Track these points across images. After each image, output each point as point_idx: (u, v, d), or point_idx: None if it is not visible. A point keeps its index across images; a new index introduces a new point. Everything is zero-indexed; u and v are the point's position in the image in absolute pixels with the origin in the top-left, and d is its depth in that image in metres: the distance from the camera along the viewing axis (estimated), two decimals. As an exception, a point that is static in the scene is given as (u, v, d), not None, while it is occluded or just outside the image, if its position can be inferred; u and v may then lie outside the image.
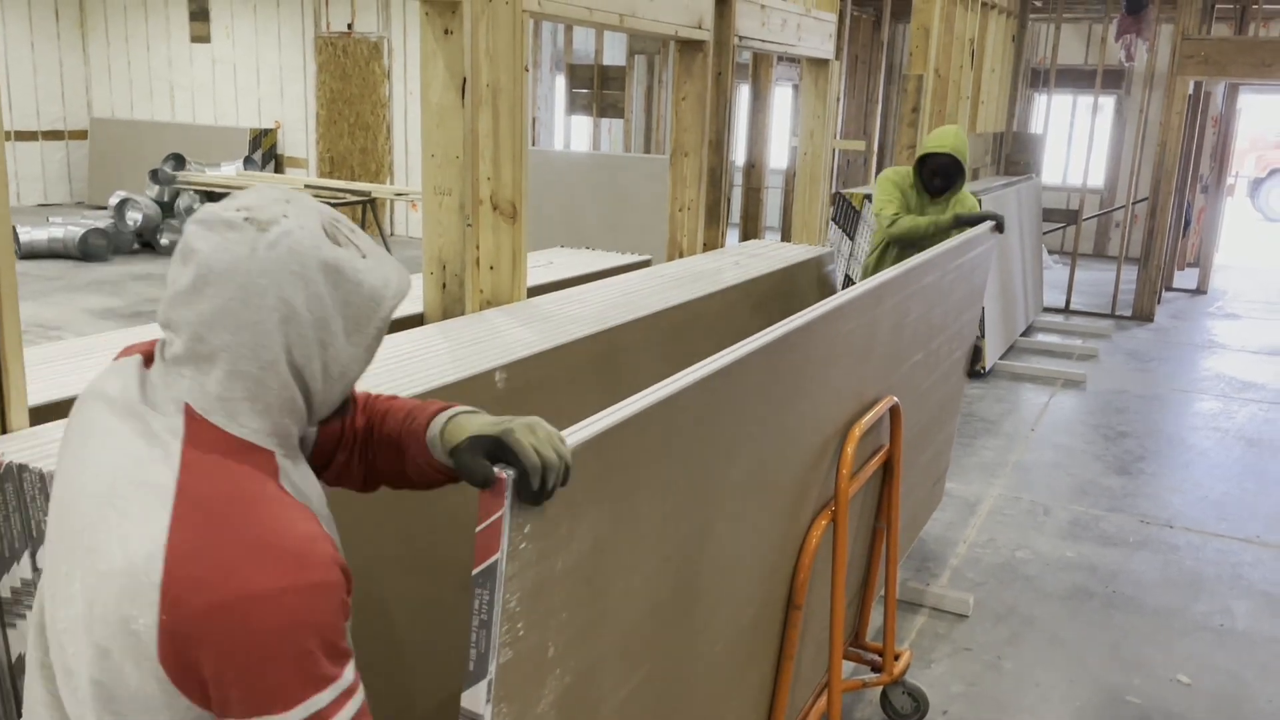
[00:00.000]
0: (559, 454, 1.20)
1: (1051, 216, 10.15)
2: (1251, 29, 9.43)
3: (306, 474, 1.16)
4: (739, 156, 8.87)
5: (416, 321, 2.78)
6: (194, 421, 1.06)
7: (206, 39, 12.65)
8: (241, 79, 12.54)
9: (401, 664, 1.96)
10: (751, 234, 8.95)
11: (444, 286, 2.83)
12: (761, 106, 8.63)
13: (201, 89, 12.78)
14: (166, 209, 10.20)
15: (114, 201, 10.03)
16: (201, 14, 12.60)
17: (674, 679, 1.87)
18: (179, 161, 10.75)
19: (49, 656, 1.11)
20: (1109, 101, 12.40)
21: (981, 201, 6.65)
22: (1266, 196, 17.02)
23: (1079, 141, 9.77)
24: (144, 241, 10.09)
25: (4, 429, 1.69)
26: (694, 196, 4.11)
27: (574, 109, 9.41)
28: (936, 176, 4.18)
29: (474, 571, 1.20)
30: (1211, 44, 8.39)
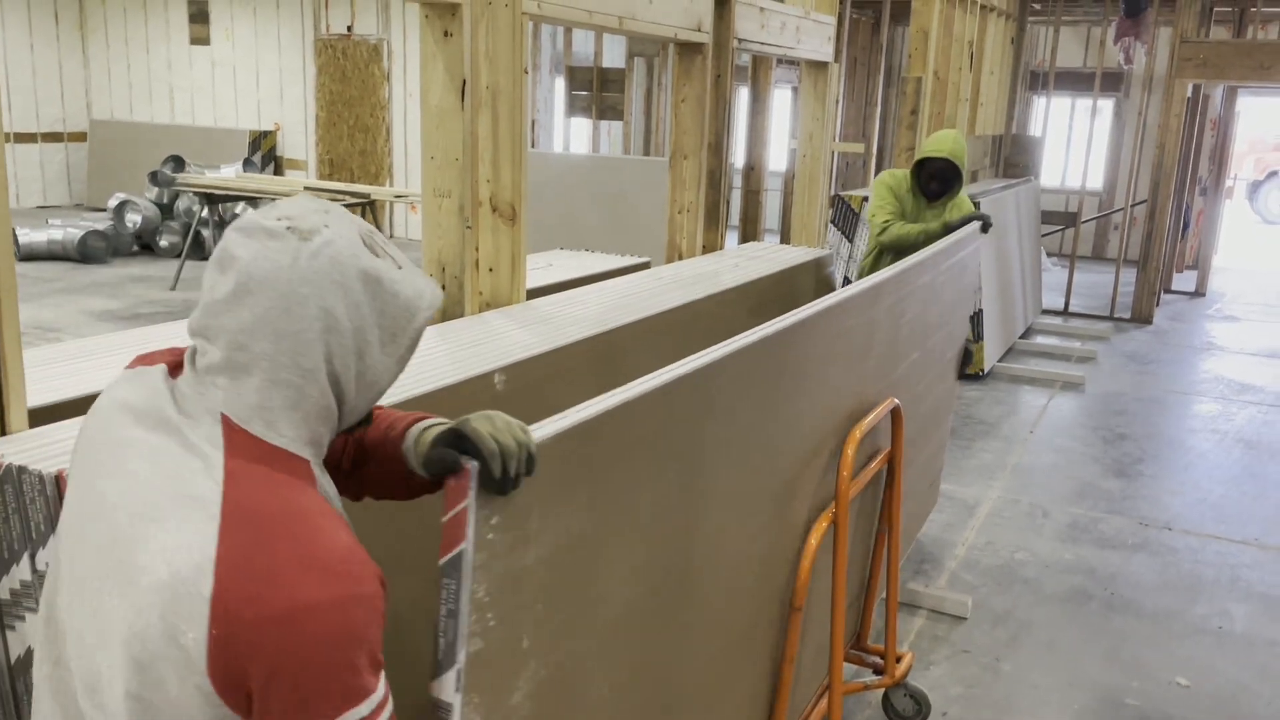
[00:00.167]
0: (519, 441, 1.21)
1: (1050, 219, 10.16)
2: (1250, 31, 9.45)
3: (329, 481, 1.17)
4: (738, 159, 8.87)
5: (416, 323, 2.77)
6: (232, 431, 1.05)
7: (206, 41, 12.65)
8: (241, 81, 12.55)
9: (403, 663, 1.96)
10: (751, 236, 8.95)
11: (443, 288, 2.83)
12: (761, 109, 8.63)
13: (201, 91, 12.78)
14: (166, 211, 10.19)
15: (113, 203, 10.03)
16: (201, 16, 12.61)
17: (663, 677, 1.87)
18: (178, 163, 10.75)
19: (60, 670, 1.10)
20: (1108, 104, 12.42)
21: (980, 205, 6.67)
22: (1265, 199, 17.04)
23: (1078, 144, 9.78)
24: (143, 243, 10.09)
25: (3, 431, 1.69)
26: (693, 199, 4.12)
27: (573, 111, 9.41)
28: (934, 181, 4.18)
29: (441, 561, 1.21)
30: (1210, 47, 8.40)
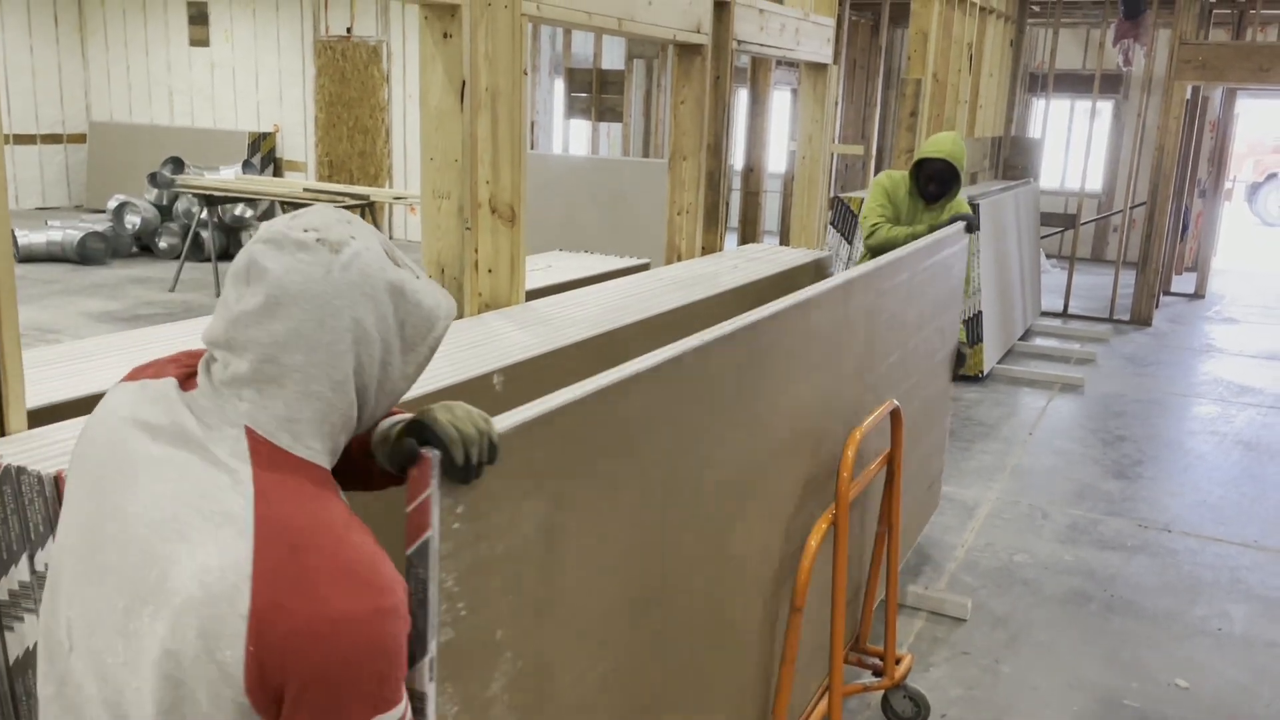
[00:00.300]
0: (479, 430, 1.22)
1: (1050, 221, 10.17)
2: (1249, 34, 9.46)
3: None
4: (737, 160, 8.87)
5: (415, 325, 2.77)
6: (257, 444, 1.04)
7: (205, 43, 12.66)
8: (240, 83, 12.55)
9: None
10: (750, 238, 8.95)
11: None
12: (760, 110, 8.64)
13: (200, 93, 12.78)
14: (165, 212, 10.19)
15: (112, 205, 10.03)
16: (200, 18, 12.61)
17: (648, 672, 1.88)
18: (178, 165, 10.75)
19: (66, 689, 1.08)
20: (1107, 106, 12.42)
21: (978, 207, 6.67)
22: (1264, 201, 17.05)
23: (1077, 146, 9.79)
24: (142, 245, 10.09)
25: (2, 432, 1.69)
26: (692, 200, 4.12)
27: (572, 113, 9.41)
28: (932, 182, 4.18)
29: (407, 551, 1.22)
30: (1209, 49, 8.40)
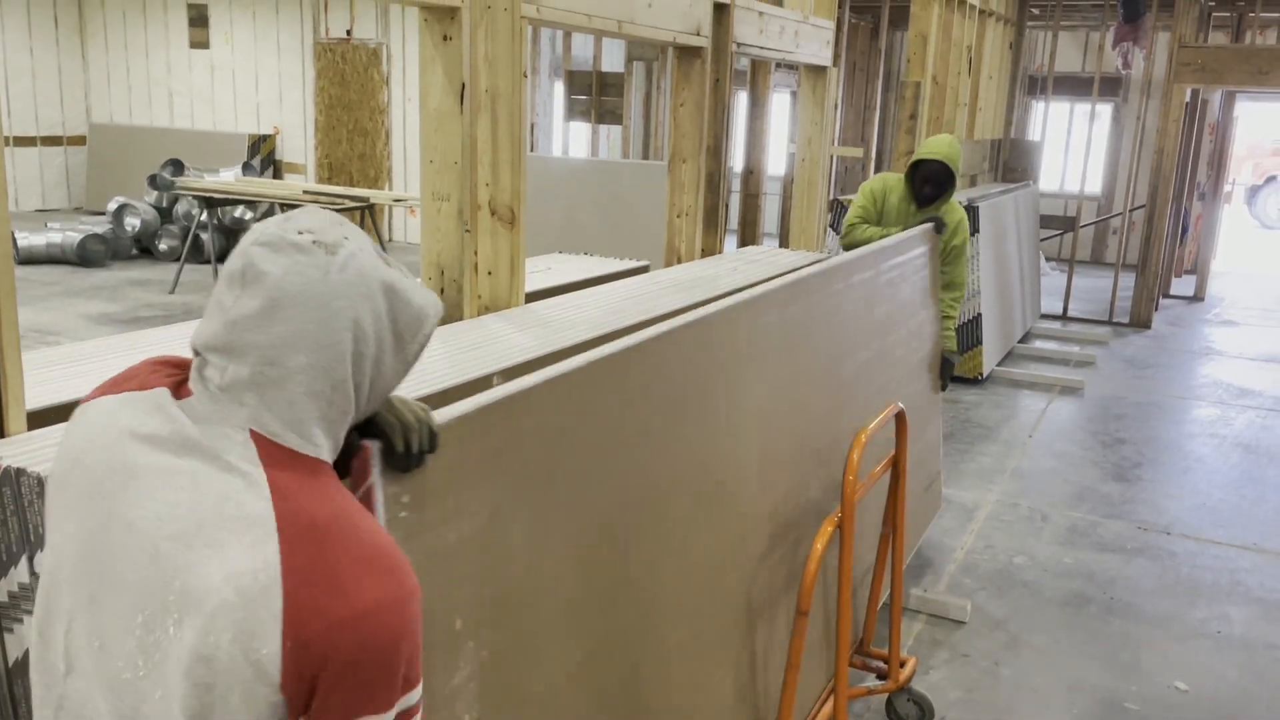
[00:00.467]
0: (418, 418, 1.25)
1: (1049, 223, 10.17)
2: (1248, 37, 9.47)
3: None
4: (737, 163, 8.87)
5: (415, 327, 2.77)
6: (265, 446, 1.05)
7: (205, 45, 12.66)
8: (240, 85, 12.56)
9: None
10: (749, 240, 8.95)
11: (442, 292, 2.83)
12: (759, 113, 8.64)
13: (200, 95, 12.79)
14: (165, 214, 10.19)
15: (112, 207, 10.03)
16: (200, 20, 12.62)
17: (623, 666, 1.90)
18: (177, 167, 10.75)
19: (65, 714, 1.08)
20: (1106, 109, 12.43)
21: (978, 210, 6.67)
22: (1263, 203, 17.06)
23: (1076, 148, 9.80)
24: (142, 247, 10.09)
25: (2, 433, 1.69)
26: (692, 202, 4.12)
27: (572, 115, 9.41)
28: (928, 184, 4.16)
29: None
30: (1208, 52, 8.41)
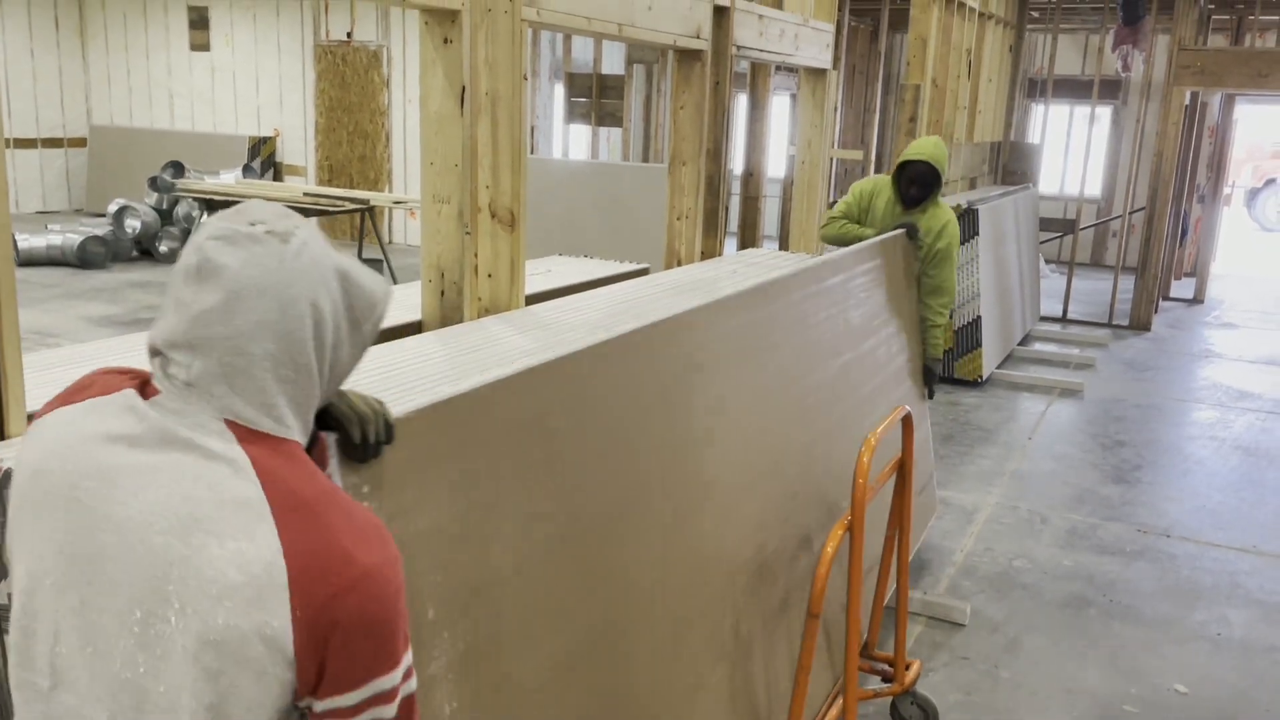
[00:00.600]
0: (374, 410, 1.31)
1: (1049, 226, 10.17)
2: (1247, 40, 9.48)
3: None
4: (737, 165, 8.88)
5: (414, 329, 2.78)
6: (241, 433, 1.08)
7: (206, 47, 12.67)
8: (241, 87, 12.57)
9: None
10: (749, 243, 8.95)
11: (442, 294, 2.83)
12: (759, 115, 8.64)
13: (201, 97, 12.80)
14: (165, 217, 10.20)
15: (113, 209, 10.03)
16: (201, 22, 12.63)
17: (618, 662, 1.92)
18: (178, 169, 10.76)
19: (56, 714, 1.06)
20: (1106, 111, 12.44)
21: (978, 214, 6.68)
22: (1263, 206, 17.06)
23: (1076, 151, 9.81)
24: (143, 249, 10.09)
25: (2, 435, 1.69)
26: (692, 205, 4.12)
27: (572, 117, 9.41)
28: (914, 185, 4.16)
29: None
30: (1208, 55, 8.42)
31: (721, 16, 4.06)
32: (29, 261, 9.21)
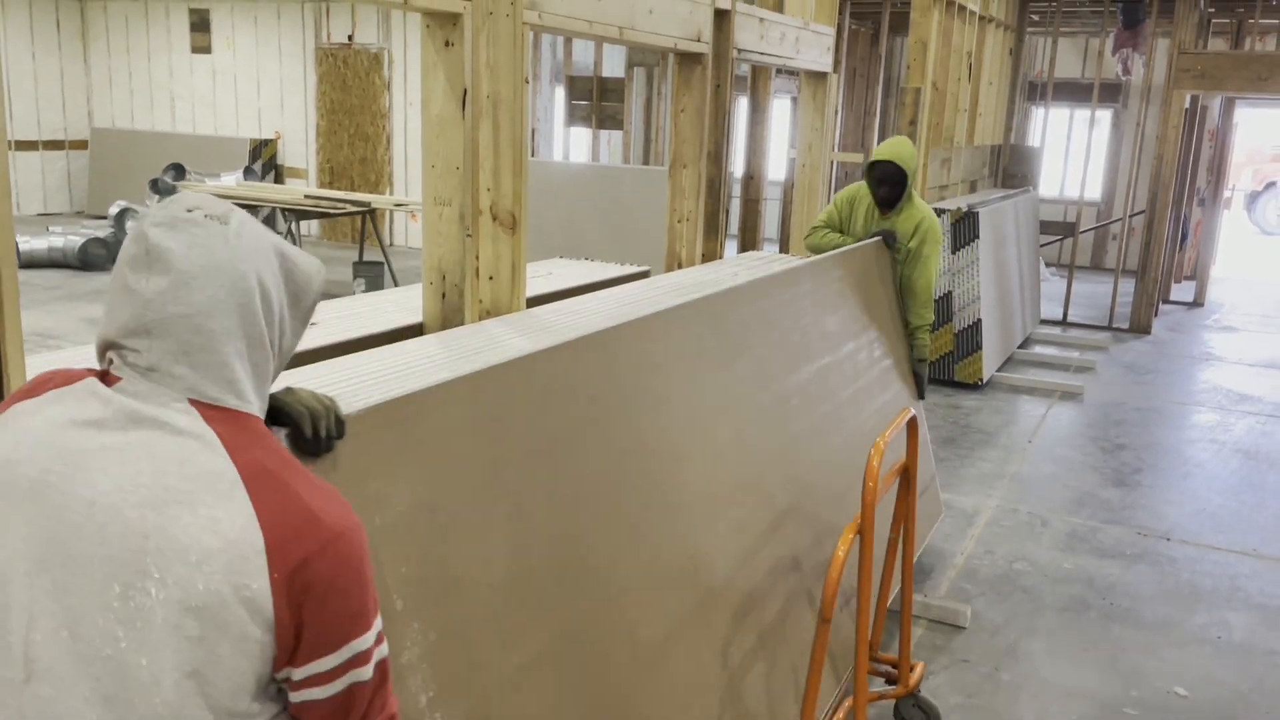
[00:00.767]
0: (324, 405, 1.37)
1: (1049, 229, 10.18)
2: (1247, 43, 9.49)
3: None
4: (737, 168, 8.89)
5: (416, 331, 2.78)
6: (206, 410, 1.11)
7: (207, 50, 12.69)
8: (242, 89, 12.58)
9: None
10: (750, 245, 8.96)
11: (443, 296, 2.84)
12: (760, 119, 8.65)
13: (202, 99, 12.81)
14: (166, 219, 10.21)
15: (114, 211, 10.05)
16: (202, 25, 12.65)
17: (596, 658, 1.94)
18: (179, 171, 10.78)
19: (28, 715, 1.04)
20: (1106, 115, 12.45)
21: (978, 217, 6.68)
22: (1263, 209, 17.07)
23: (1076, 154, 9.81)
24: (143, 251, 10.10)
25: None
26: (692, 208, 4.13)
27: (573, 120, 9.43)
28: (883, 185, 4.16)
29: None
30: (1208, 58, 8.43)
31: (722, 20, 4.07)
32: (30, 264, 9.22)
